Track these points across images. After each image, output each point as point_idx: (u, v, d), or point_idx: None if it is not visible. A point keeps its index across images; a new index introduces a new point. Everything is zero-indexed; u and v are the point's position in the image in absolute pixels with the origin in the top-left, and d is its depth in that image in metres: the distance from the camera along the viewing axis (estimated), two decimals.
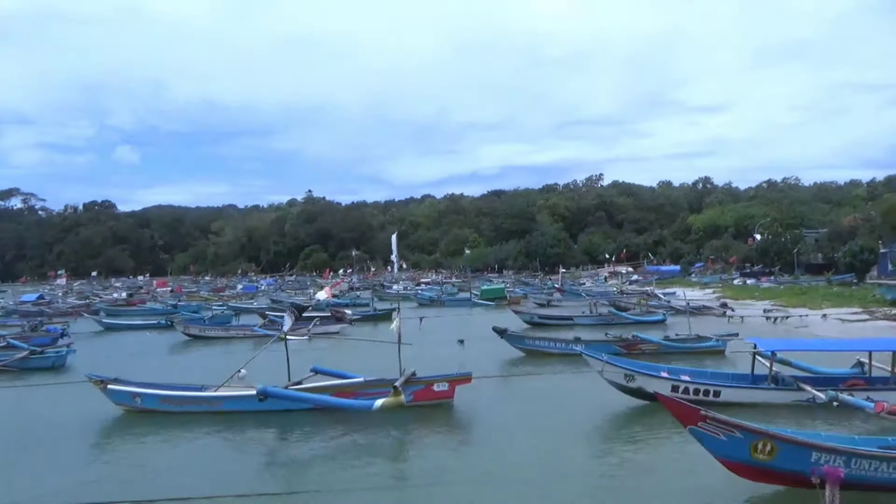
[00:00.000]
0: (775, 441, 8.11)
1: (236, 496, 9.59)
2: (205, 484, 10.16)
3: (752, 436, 8.14)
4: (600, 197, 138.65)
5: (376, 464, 11.22)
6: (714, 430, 8.16)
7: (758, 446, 8.10)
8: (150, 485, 10.26)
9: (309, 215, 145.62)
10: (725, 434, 8.11)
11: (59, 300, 62.13)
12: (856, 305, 38.58)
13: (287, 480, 10.53)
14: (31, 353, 23.82)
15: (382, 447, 12.39)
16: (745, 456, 8.17)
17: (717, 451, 8.36)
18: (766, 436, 8.15)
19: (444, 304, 53.23)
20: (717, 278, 72.06)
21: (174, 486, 10.06)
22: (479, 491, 9.57)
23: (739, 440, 8.11)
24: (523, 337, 24.30)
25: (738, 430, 8.13)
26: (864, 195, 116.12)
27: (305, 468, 11.26)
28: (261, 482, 10.42)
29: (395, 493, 9.94)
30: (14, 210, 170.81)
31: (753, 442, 8.11)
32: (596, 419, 13.92)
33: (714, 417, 8.17)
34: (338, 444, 12.55)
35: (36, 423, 15.21)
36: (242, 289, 78.31)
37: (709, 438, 8.27)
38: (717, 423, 8.15)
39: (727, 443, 8.16)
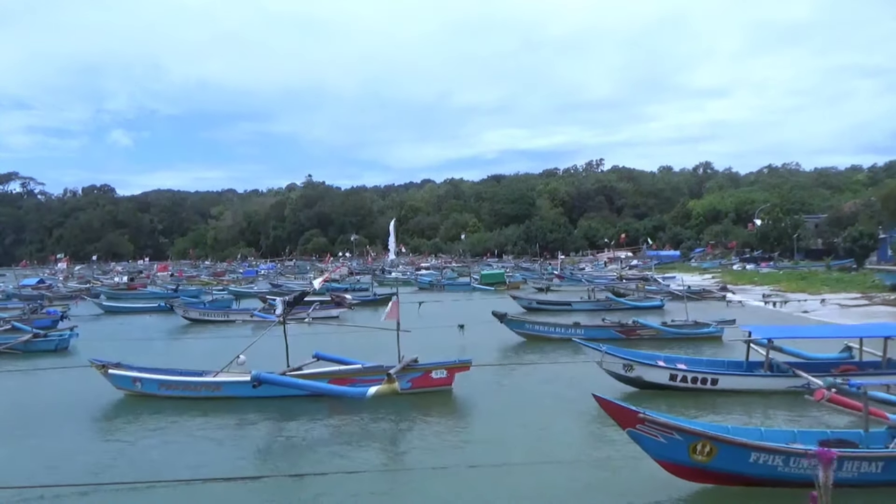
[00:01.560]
0: (714, 442, 8.06)
1: (233, 479, 9.67)
2: (202, 467, 10.24)
3: (690, 437, 8.06)
4: (600, 182, 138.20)
5: (373, 449, 11.30)
6: (652, 431, 8.07)
7: (696, 447, 8.04)
8: (148, 467, 10.35)
9: (308, 200, 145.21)
10: (664, 436, 8.04)
11: (60, 284, 62.18)
12: (855, 291, 38.72)
13: (284, 464, 10.58)
14: (34, 335, 23.97)
15: (380, 433, 12.46)
16: (683, 457, 8.10)
17: (656, 453, 8.27)
18: (704, 437, 8.08)
19: (444, 288, 53.38)
20: (717, 263, 72.13)
21: (172, 469, 10.15)
22: (475, 477, 9.63)
23: (678, 442, 8.04)
24: (523, 322, 24.37)
25: (676, 431, 8.06)
26: (865, 180, 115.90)
27: (302, 453, 11.33)
28: (258, 466, 10.50)
29: (390, 478, 10.01)
30: (13, 194, 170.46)
31: (692, 443, 8.04)
32: (594, 407, 13.95)
33: (652, 420, 8.07)
34: (336, 430, 12.63)
35: (39, 405, 15.32)
36: (242, 273, 78.38)
37: (647, 440, 8.18)
38: (656, 425, 8.06)
39: (666, 445, 8.09)
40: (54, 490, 9.40)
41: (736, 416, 12.54)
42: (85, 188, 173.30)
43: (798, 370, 13.94)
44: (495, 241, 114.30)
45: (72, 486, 9.51)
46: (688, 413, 12.88)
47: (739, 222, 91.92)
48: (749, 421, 12.02)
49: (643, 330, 22.73)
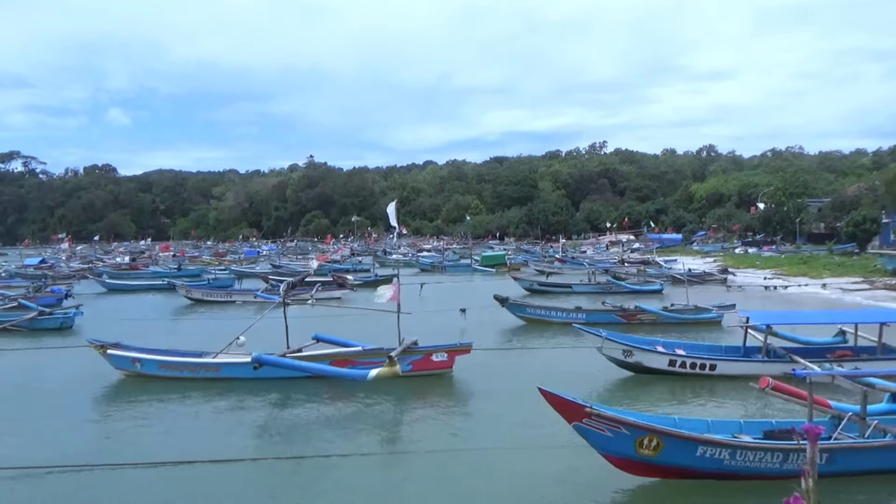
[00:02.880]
0: (661, 436, 8.00)
1: (232, 461, 9.74)
2: (201, 448, 10.31)
3: (637, 431, 7.98)
4: (603, 164, 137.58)
5: (372, 432, 11.37)
6: (599, 426, 7.96)
7: (643, 442, 7.97)
8: (146, 448, 10.43)
9: (310, 180, 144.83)
10: (611, 430, 7.93)
11: (63, 264, 62.33)
12: (856, 275, 38.68)
13: (283, 446, 10.68)
14: (39, 313, 24.13)
15: (380, 416, 12.55)
16: (630, 452, 8.03)
17: (602, 448, 8.16)
18: (651, 431, 8.01)
19: (445, 269, 53.52)
20: (719, 247, 72.02)
21: (170, 450, 10.23)
22: (474, 460, 9.70)
23: (625, 436, 7.95)
24: (524, 306, 24.40)
25: (623, 426, 7.95)
26: (869, 165, 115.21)
27: (302, 434, 11.42)
28: (257, 448, 10.59)
29: (389, 460, 10.11)
30: (15, 173, 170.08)
31: (639, 437, 7.96)
32: (594, 390, 14.06)
33: (599, 414, 7.95)
34: (335, 412, 12.72)
35: (39, 384, 15.47)
36: (244, 254, 78.50)
37: (593, 435, 8.05)
38: (602, 419, 7.94)
39: (613, 439, 7.98)
40: (50, 470, 9.48)
41: (731, 402, 12.63)
42: (86, 168, 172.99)
43: (794, 355, 14.02)
44: (497, 223, 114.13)
45: (68, 467, 9.58)
46: (685, 398, 12.99)
47: (742, 206, 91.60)
48: (745, 408, 12.11)
49: (644, 315, 22.78)
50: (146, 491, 8.80)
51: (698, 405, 12.54)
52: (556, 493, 8.37)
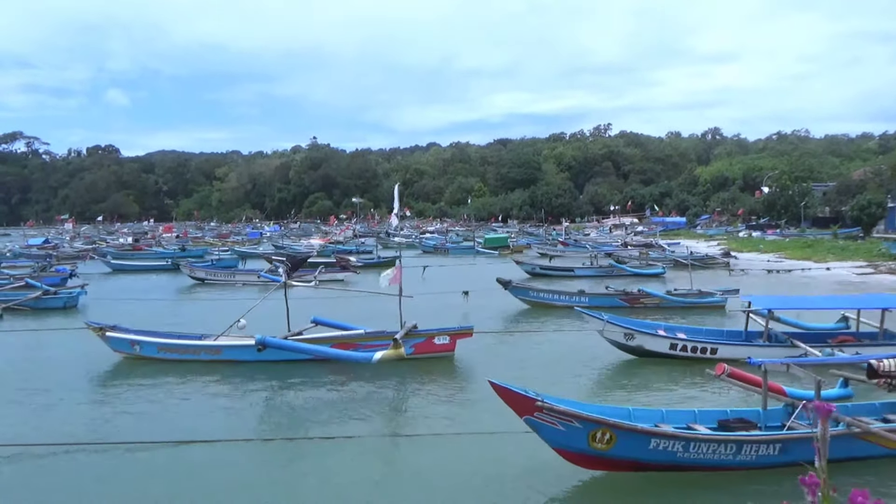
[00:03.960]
0: (614, 430, 7.86)
1: (232, 441, 9.79)
2: (202, 429, 10.35)
3: (590, 425, 7.83)
4: (607, 147, 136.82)
5: (374, 414, 11.40)
6: (550, 419, 7.79)
7: (596, 435, 7.82)
8: (146, 429, 10.46)
9: (313, 162, 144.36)
10: (563, 424, 7.78)
11: (67, 244, 62.48)
12: (861, 259, 38.58)
13: (284, 428, 10.71)
14: (44, 293, 24.27)
15: (381, 398, 12.58)
16: (583, 446, 7.88)
17: (554, 442, 7.99)
18: (604, 425, 7.87)
19: (448, 252, 53.58)
20: (723, 230, 71.82)
21: (170, 431, 10.26)
22: (474, 444, 9.73)
23: (578, 430, 7.79)
24: (527, 289, 24.38)
25: (576, 419, 7.79)
26: (875, 148, 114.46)
27: (303, 416, 11.46)
28: (258, 429, 10.64)
29: (391, 443, 10.15)
30: (18, 154, 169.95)
31: (592, 431, 7.81)
32: (596, 373, 14.09)
33: (550, 407, 7.77)
34: (336, 395, 12.73)
35: (40, 364, 15.52)
36: (247, 235, 78.60)
37: (545, 429, 7.88)
38: (554, 413, 7.78)
39: (565, 433, 7.82)
40: (48, 449, 9.53)
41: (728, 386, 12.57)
42: (89, 148, 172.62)
43: (796, 340, 14.01)
44: (500, 205, 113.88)
45: (66, 445, 9.63)
46: (684, 382, 12.99)
47: (747, 189, 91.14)
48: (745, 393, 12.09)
49: (647, 298, 22.72)
50: (145, 470, 8.84)
51: (695, 388, 12.52)
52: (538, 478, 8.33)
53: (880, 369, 9.34)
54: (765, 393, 8.92)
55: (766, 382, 8.93)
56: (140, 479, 8.56)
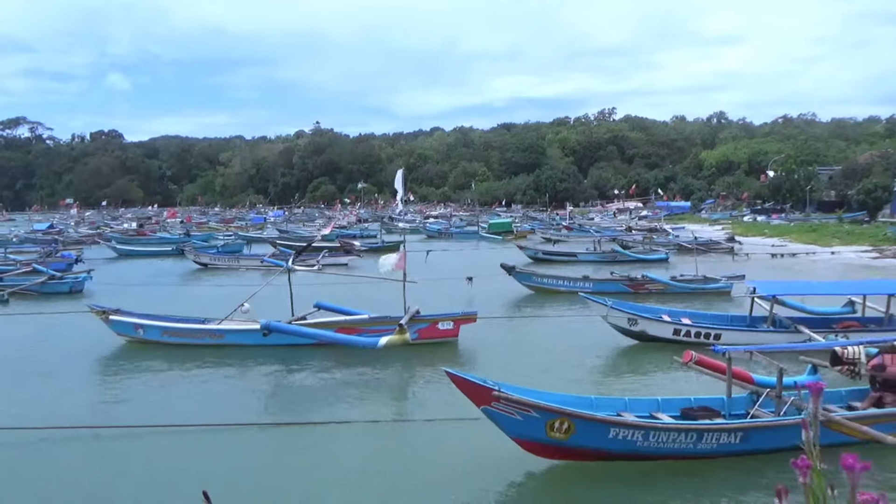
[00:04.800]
0: (572, 419, 7.82)
1: (236, 425, 9.83)
2: (205, 413, 10.39)
3: (548, 415, 7.77)
4: (612, 131, 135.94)
5: (377, 400, 11.43)
6: (508, 409, 7.75)
7: (554, 425, 7.77)
8: (148, 413, 10.50)
9: (317, 147, 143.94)
10: (521, 414, 7.72)
11: (71, 229, 62.66)
12: (866, 243, 38.44)
13: (288, 412, 10.74)
14: (50, 277, 24.45)
15: (384, 384, 12.61)
16: (541, 435, 7.83)
17: (512, 431, 7.94)
18: (562, 414, 7.81)
19: (452, 236, 53.61)
20: (728, 215, 71.59)
21: (173, 415, 10.29)
22: (476, 429, 9.76)
23: (535, 420, 7.74)
24: (531, 274, 24.33)
25: (533, 409, 7.73)
26: (883, 132, 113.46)
27: (306, 401, 11.50)
28: (261, 413, 10.70)
29: (393, 428, 10.19)
30: (22, 139, 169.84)
31: (550, 421, 7.76)
32: (599, 360, 14.10)
33: (507, 397, 7.72)
34: (339, 380, 12.76)
35: (44, 348, 15.59)
36: (251, 220, 78.71)
37: (503, 418, 7.83)
38: (511, 402, 7.73)
39: (522, 423, 7.77)
40: (50, 433, 9.57)
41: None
42: (93, 133, 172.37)
43: (800, 325, 13.98)
44: (504, 190, 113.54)
45: (67, 429, 9.68)
46: (684, 368, 12.96)
47: (752, 173, 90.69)
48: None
49: (651, 284, 22.67)
50: (147, 454, 8.89)
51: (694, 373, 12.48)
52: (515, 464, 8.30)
53: (844, 357, 9.23)
54: (729, 380, 8.83)
55: (730, 370, 8.83)
56: (139, 463, 8.60)
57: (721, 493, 7.62)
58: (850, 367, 9.26)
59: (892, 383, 8.88)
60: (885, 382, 8.89)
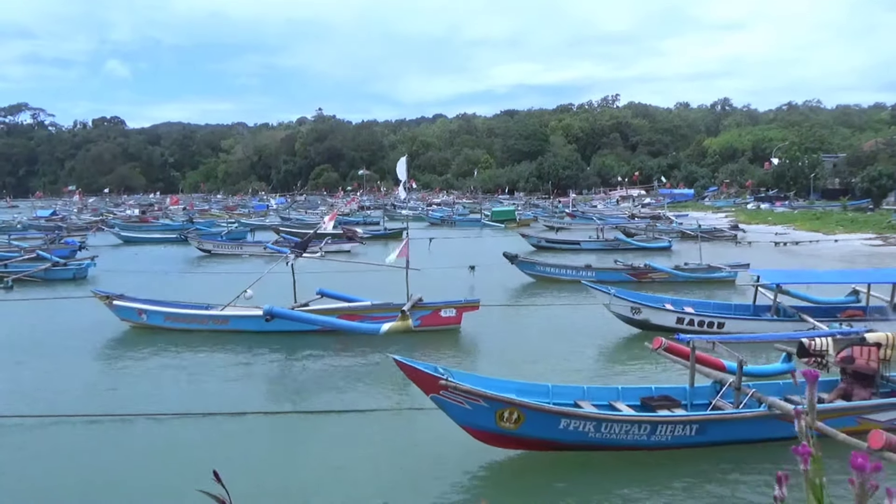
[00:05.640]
0: (522, 409, 7.73)
1: (237, 414, 9.85)
2: (206, 400, 10.42)
3: (497, 404, 7.70)
4: (615, 118, 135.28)
5: (379, 387, 11.41)
6: (457, 398, 7.68)
7: (504, 415, 7.70)
8: (151, 400, 10.54)
9: (319, 134, 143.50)
10: (470, 403, 7.66)
11: (74, 216, 62.71)
12: (870, 231, 38.34)
13: (290, 400, 10.78)
14: (54, 264, 24.57)
15: (385, 371, 12.58)
16: (490, 424, 7.77)
17: (462, 420, 7.89)
18: (512, 404, 7.74)
19: (455, 224, 53.58)
20: (731, 202, 71.38)
21: (175, 402, 10.34)
22: None
23: (484, 409, 7.69)
24: (534, 263, 24.30)
25: (482, 399, 7.66)
26: (888, 119, 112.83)
27: (308, 388, 11.52)
28: (264, 401, 10.70)
29: (395, 415, 10.20)
30: (24, 126, 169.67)
31: (499, 410, 7.69)
32: (599, 348, 14.09)
33: (455, 386, 7.64)
34: (341, 366, 12.77)
35: (47, 334, 15.61)
36: (254, 207, 78.67)
37: (452, 407, 7.78)
38: (459, 392, 7.66)
39: (472, 411, 7.72)
40: (52, 420, 9.62)
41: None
42: (95, 120, 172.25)
43: (804, 315, 13.95)
44: (507, 177, 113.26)
45: (71, 417, 9.73)
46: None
47: (756, 161, 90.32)
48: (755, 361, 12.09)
49: (655, 273, 22.62)
50: (149, 442, 8.92)
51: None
52: None
53: (811, 348, 9.10)
54: (692, 370, 8.76)
55: (693, 359, 8.74)
56: (139, 450, 8.63)
57: (678, 482, 7.48)
58: (817, 359, 9.11)
59: (860, 375, 8.79)
60: (854, 374, 8.79)
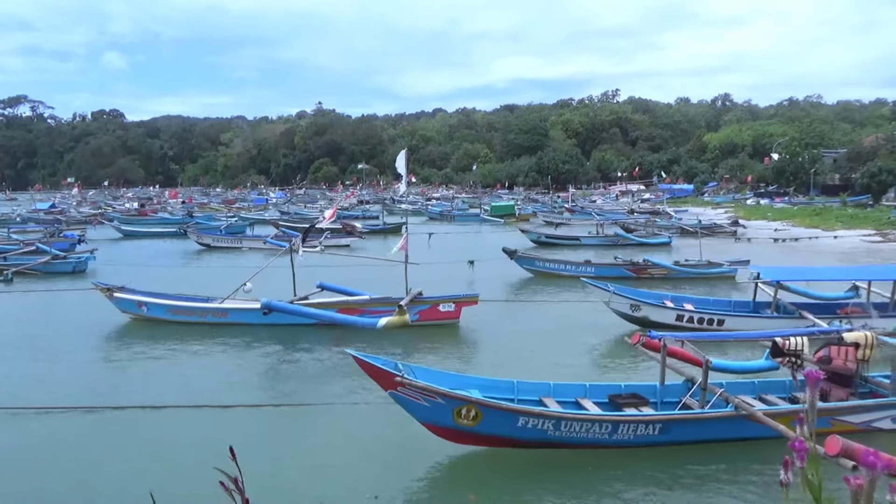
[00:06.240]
0: (479, 407, 7.73)
1: (236, 406, 9.86)
2: (205, 392, 10.44)
3: (454, 402, 7.70)
4: (615, 113, 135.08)
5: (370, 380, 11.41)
6: (414, 395, 7.69)
7: (461, 412, 7.70)
8: (150, 391, 10.56)
9: (319, 128, 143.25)
10: (427, 400, 7.66)
11: (73, 209, 62.63)
12: (869, 227, 38.30)
13: (288, 393, 10.78)
14: (54, 257, 24.58)
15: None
16: (448, 421, 7.78)
17: (420, 416, 7.89)
18: (469, 402, 7.74)
19: (454, 219, 53.53)
20: (731, 198, 71.32)
21: (174, 394, 10.34)
22: None
23: (442, 406, 7.69)
24: (533, 259, 24.24)
25: (439, 396, 7.67)
26: (889, 114, 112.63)
27: (306, 381, 11.52)
28: (262, 394, 10.72)
29: (392, 409, 10.19)
30: (23, 118, 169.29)
31: (457, 408, 7.69)
32: (597, 345, 14.06)
33: (411, 384, 7.65)
34: (339, 360, 12.72)
35: (48, 326, 15.67)
36: (253, 201, 78.59)
37: (410, 403, 7.80)
38: (416, 389, 7.66)
39: (430, 408, 7.73)
40: (54, 411, 9.62)
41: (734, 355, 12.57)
42: (94, 112, 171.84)
43: (804, 311, 13.92)
44: (507, 172, 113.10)
45: (72, 408, 9.72)
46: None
47: (756, 156, 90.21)
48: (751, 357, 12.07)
49: (654, 269, 22.57)
50: (148, 434, 8.91)
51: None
52: None
53: (785, 347, 8.88)
54: (662, 367, 8.70)
55: (664, 356, 8.68)
56: (142, 443, 8.64)
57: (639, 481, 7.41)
58: (791, 358, 8.88)
59: (837, 376, 8.71)
60: (832, 375, 8.69)
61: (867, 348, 8.67)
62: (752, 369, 9.50)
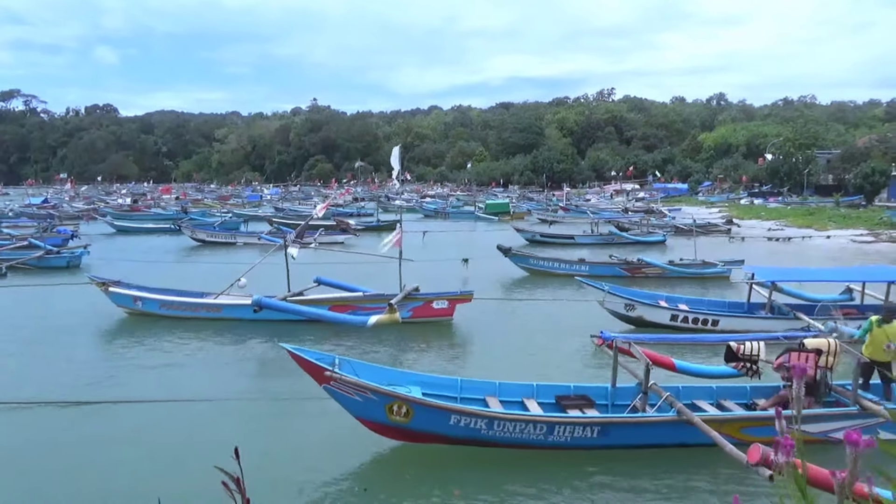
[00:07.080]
0: (410, 404, 7.77)
1: (229, 399, 9.88)
2: (198, 386, 10.45)
3: (386, 398, 7.73)
4: (610, 112, 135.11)
5: None
6: (347, 390, 7.72)
7: (393, 408, 7.74)
8: (145, 385, 10.57)
9: (314, 124, 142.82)
10: (360, 395, 7.70)
11: (66, 204, 62.29)
12: (862, 227, 38.49)
13: (280, 387, 10.71)
14: (47, 252, 24.48)
15: (377, 361, 12.59)
16: (381, 417, 7.83)
17: (354, 411, 7.93)
18: (400, 399, 7.77)
19: (449, 216, 53.53)
20: (725, 198, 71.52)
21: (168, 388, 10.35)
22: None
23: (374, 402, 7.73)
24: (528, 257, 24.26)
25: (371, 392, 7.71)
26: (882, 116, 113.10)
27: (299, 375, 11.47)
28: (255, 387, 10.75)
29: None
30: (16, 112, 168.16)
31: (388, 404, 7.74)
32: (588, 343, 14.00)
33: (342, 378, 7.67)
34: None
35: (42, 321, 15.63)
36: (247, 198, 78.30)
37: (344, 398, 7.83)
38: (347, 384, 7.69)
39: (363, 404, 7.77)
40: (48, 405, 9.62)
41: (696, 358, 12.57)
42: (87, 107, 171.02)
43: (798, 312, 13.95)
44: (501, 170, 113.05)
45: (66, 403, 9.69)
46: (683, 355, 12.96)
47: (750, 156, 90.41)
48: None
49: (649, 268, 22.61)
50: (141, 428, 8.90)
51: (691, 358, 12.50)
52: None
53: (739, 352, 8.71)
54: (614, 369, 8.67)
55: (616, 358, 8.63)
56: (138, 437, 8.60)
57: (574, 481, 7.38)
58: (746, 364, 8.69)
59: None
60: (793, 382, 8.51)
61: (830, 355, 8.39)
62: (716, 374, 9.25)
